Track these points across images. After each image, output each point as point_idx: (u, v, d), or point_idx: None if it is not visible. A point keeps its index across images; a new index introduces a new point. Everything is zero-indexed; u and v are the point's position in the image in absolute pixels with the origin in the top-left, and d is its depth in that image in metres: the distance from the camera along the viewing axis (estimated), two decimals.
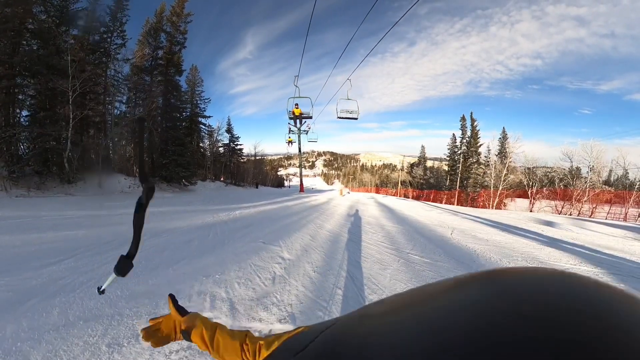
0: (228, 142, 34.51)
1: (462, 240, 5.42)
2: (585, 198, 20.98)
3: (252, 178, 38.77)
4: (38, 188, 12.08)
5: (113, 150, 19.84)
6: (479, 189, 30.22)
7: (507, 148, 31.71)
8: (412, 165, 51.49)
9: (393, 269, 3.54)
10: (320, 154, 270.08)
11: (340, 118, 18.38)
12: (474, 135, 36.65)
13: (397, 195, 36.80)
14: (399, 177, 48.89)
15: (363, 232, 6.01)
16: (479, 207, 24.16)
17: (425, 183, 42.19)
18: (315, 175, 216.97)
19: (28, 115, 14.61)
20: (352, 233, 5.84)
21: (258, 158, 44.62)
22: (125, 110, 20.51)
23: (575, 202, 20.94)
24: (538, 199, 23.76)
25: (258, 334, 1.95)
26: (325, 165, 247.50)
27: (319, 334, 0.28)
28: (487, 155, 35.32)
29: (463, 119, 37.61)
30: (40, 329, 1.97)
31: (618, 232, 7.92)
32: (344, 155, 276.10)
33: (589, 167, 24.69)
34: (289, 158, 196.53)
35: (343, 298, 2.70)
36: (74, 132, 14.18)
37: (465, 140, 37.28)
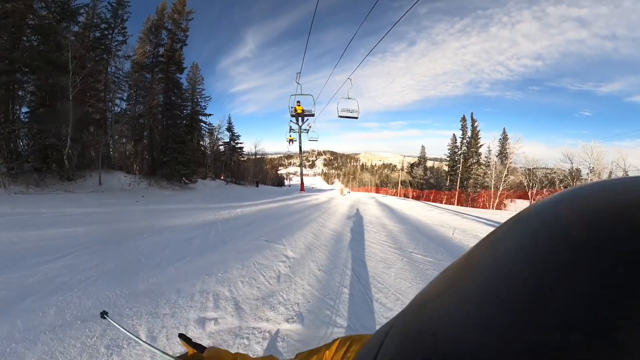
0: (228, 140, 34.43)
1: (463, 240, 5.37)
2: None
3: (252, 177, 38.69)
4: (37, 185, 11.99)
5: (113, 148, 19.75)
6: (479, 190, 30.15)
7: (507, 149, 31.67)
8: (412, 165, 51.36)
9: (397, 268, 3.51)
10: (320, 153, 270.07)
11: (341, 117, 18.28)
12: (475, 136, 36.60)
13: (397, 195, 36.72)
14: (399, 177, 48.77)
15: (365, 231, 5.97)
16: (479, 207, 24.09)
17: (426, 183, 42.09)
18: (315, 175, 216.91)
19: (28, 112, 14.51)
20: (354, 232, 5.79)
21: (258, 157, 44.58)
22: (126, 108, 20.42)
23: None
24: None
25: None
26: (325, 165, 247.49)
27: (384, 337, 0.22)
28: (487, 156, 35.29)
29: (463, 120, 37.56)
30: (36, 329, 1.89)
31: None
32: (344, 155, 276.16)
33: (589, 168, 24.75)
34: (289, 157, 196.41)
35: (350, 297, 2.65)
36: (74, 128, 14.07)
37: (466, 141, 37.22)
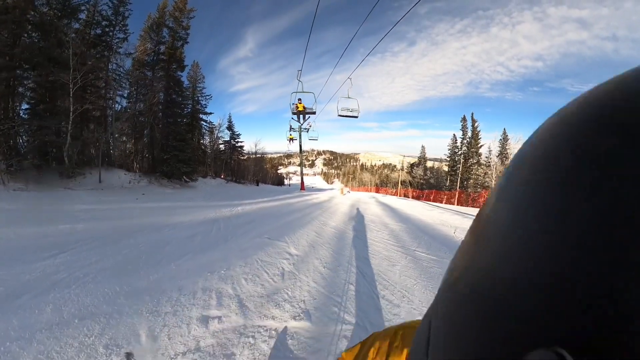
0: (229, 139, 34.33)
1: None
2: None
3: (252, 176, 38.63)
4: (37, 182, 11.89)
5: (113, 145, 19.66)
6: (480, 190, 30.09)
7: (508, 149, 31.62)
8: (412, 166, 51.30)
9: (402, 266, 3.49)
10: (320, 153, 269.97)
11: (341, 116, 18.23)
12: (475, 136, 36.55)
13: (397, 195, 36.63)
14: (399, 177, 48.69)
15: (367, 229, 5.92)
16: (480, 207, 24.02)
17: (426, 183, 42.04)
18: (315, 174, 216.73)
19: (27, 108, 14.40)
20: (357, 230, 5.74)
21: (258, 156, 44.52)
22: (126, 105, 20.31)
23: None
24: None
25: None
26: (325, 164, 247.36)
27: (428, 329, 0.20)
28: (487, 156, 35.26)
29: (464, 120, 37.50)
30: (32, 328, 1.81)
31: None
32: (344, 155, 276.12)
33: None
34: (289, 156, 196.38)
35: (356, 293, 2.60)
36: (74, 126, 13.98)
37: (466, 141, 37.18)
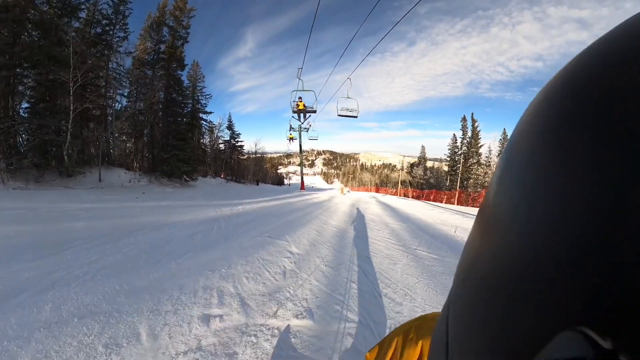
0: (229, 138, 34.30)
1: (466, 238, 5.25)
2: None
3: (252, 175, 38.61)
4: (36, 181, 11.87)
5: (113, 144, 19.63)
6: (480, 189, 30.07)
7: None
8: (412, 165, 51.29)
9: (403, 264, 3.49)
10: (320, 153, 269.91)
11: (341, 116, 18.26)
12: (475, 136, 36.52)
13: (397, 195, 36.61)
14: (399, 176, 48.69)
15: (368, 228, 5.91)
16: (480, 207, 24.00)
17: (426, 183, 42.03)
18: (315, 174, 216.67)
19: (27, 107, 14.36)
20: (357, 229, 5.73)
21: (258, 155, 44.49)
22: (127, 104, 20.28)
23: None
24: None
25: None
26: (325, 164, 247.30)
27: (447, 319, 0.20)
28: (487, 156, 35.24)
29: (464, 120, 37.48)
30: (30, 327, 1.78)
31: None
32: (344, 155, 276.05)
33: None
34: (289, 156, 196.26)
35: (359, 292, 2.59)
36: (74, 124, 13.94)
37: (466, 141, 37.16)
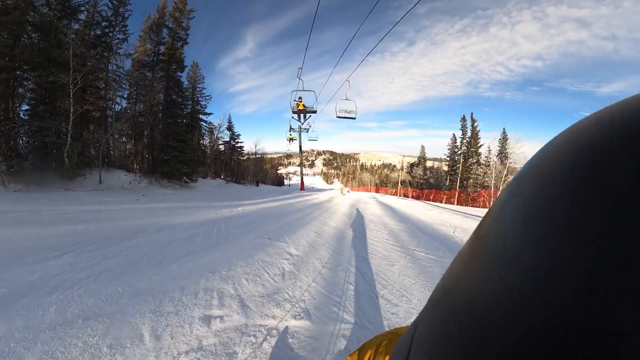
0: (229, 139, 34.37)
1: (464, 238, 5.32)
2: None
3: (252, 176, 38.65)
4: (37, 183, 11.91)
5: (113, 146, 19.68)
6: (479, 189, 30.11)
7: (507, 149, 31.65)
8: (411, 165, 51.36)
9: (401, 265, 3.52)
10: (320, 153, 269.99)
11: (339, 117, 18.42)
12: (474, 136, 36.58)
13: (397, 195, 36.66)
14: (399, 177, 48.74)
15: (367, 229, 5.94)
16: (480, 207, 24.04)
17: (425, 183, 42.08)
18: (315, 174, 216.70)
19: (28, 110, 14.42)
20: (356, 230, 5.75)
21: (258, 156, 44.51)
22: (126, 106, 20.33)
23: None
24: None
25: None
26: (325, 165, 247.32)
27: (412, 337, 0.20)
28: (487, 156, 35.28)
29: (463, 120, 37.53)
30: (36, 328, 1.83)
31: None
32: (344, 155, 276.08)
33: None
34: (289, 157, 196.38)
35: (355, 293, 2.64)
36: (74, 126, 14.00)
37: (466, 141, 37.21)
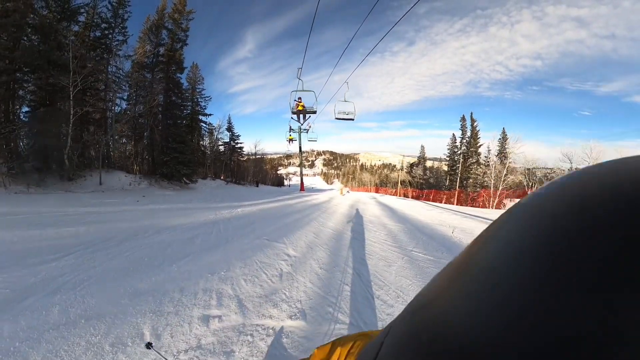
0: (228, 140, 34.40)
1: (463, 239, 5.36)
2: None
3: (252, 177, 38.66)
4: (37, 185, 11.96)
5: (113, 148, 19.72)
6: (479, 189, 30.15)
7: (507, 149, 31.68)
8: (411, 165, 51.36)
9: (398, 266, 3.54)
10: (320, 153, 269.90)
11: (338, 119, 18.54)
12: (474, 136, 36.60)
13: (397, 195, 36.71)
14: (399, 177, 48.76)
15: (366, 230, 5.97)
16: (479, 206, 24.08)
17: (425, 183, 42.09)
18: (315, 175, 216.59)
19: (28, 112, 14.49)
20: (355, 231, 5.78)
21: (258, 157, 44.50)
22: (126, 108, 20.38)
23: None
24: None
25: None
26: (325, 165, 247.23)
27: (382, 340, 0.21)
28: (487, 156, 35.30)
29: (463, 119, 37.57)
30: (40, 328, 1.89)
31: None
32: (344, 155, 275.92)
33: None
34: (289, 157, 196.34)
35: (351, 294, 2.68)
36: (74, 128, 14.05)
37: (465, 141, 37.23)
